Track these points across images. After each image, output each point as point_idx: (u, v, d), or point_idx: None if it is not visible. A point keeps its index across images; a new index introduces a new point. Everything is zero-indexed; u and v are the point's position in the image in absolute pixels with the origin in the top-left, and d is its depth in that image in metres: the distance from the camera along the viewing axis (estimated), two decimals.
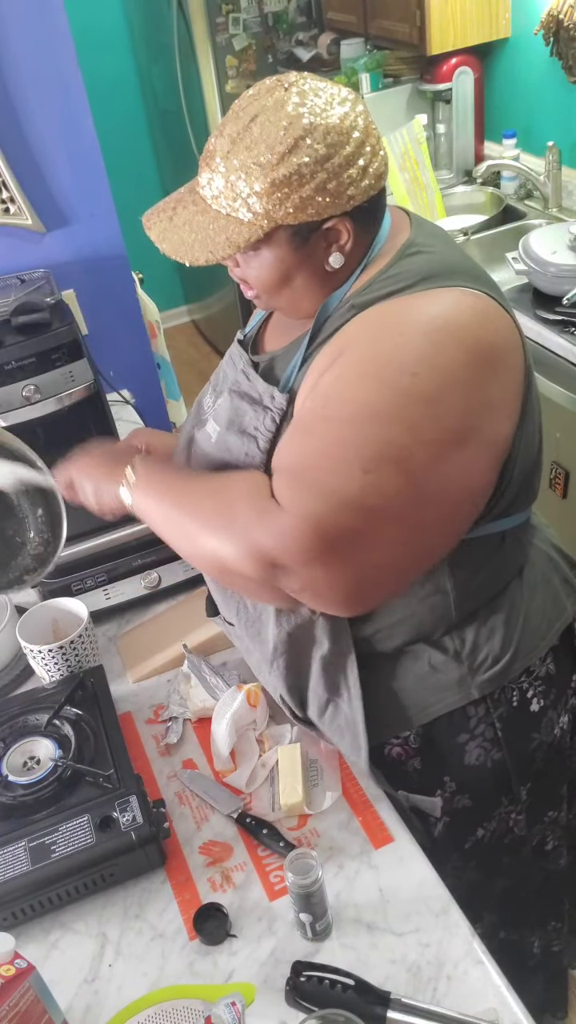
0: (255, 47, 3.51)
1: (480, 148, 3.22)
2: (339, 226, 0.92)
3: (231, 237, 0.90)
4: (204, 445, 1.10)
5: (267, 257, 0.94)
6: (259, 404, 1.02)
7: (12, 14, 1.78)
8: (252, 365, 1.08)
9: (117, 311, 2.22)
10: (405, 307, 0.91)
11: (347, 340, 0.93)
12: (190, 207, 0.94)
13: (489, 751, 1.15)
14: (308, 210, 0.89)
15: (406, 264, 0.95)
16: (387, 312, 0.92)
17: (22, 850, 1.08)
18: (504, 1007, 0.95)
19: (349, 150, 0.88)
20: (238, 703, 1.22)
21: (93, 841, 1.07)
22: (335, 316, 0.98)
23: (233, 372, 1.12)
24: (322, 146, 0.87)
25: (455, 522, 0.94)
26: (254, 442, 1.01)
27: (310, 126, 0.87)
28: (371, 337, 0.91)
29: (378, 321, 0.92)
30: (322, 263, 0.95)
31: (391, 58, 3.15)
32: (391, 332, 0.90)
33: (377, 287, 0.95)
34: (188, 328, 4.75)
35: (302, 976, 0.94)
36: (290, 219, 0.89)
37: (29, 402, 1.72)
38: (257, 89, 0.92)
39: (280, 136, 0.86)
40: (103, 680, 1.30)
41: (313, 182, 0.87)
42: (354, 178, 0.89)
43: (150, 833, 1.08)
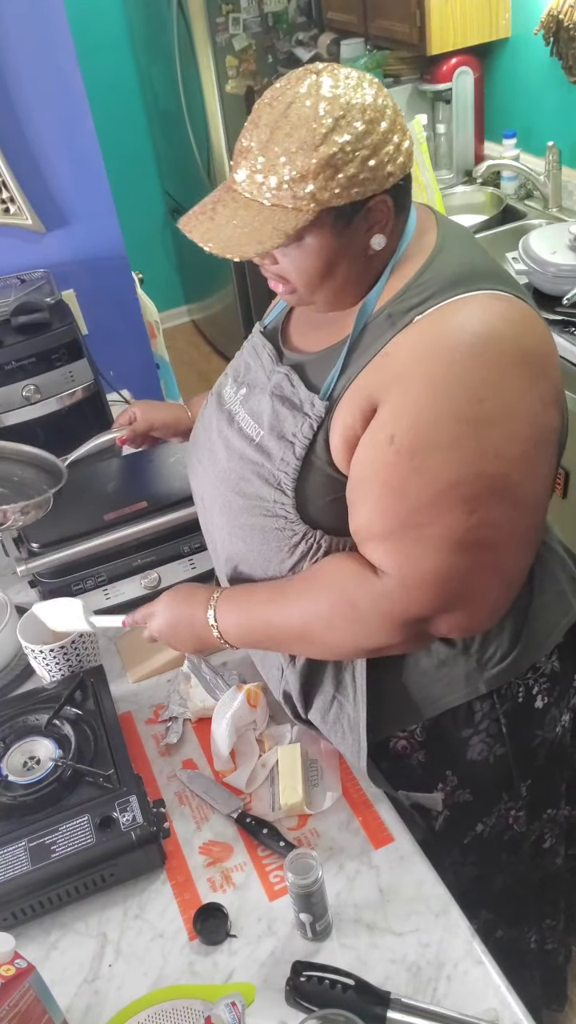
0: (255, 47, 3.51)
1: (480, 148, 3.22)
2: (381, 205, 0.92)
3: (278, 226, 0.90)
4: (240, 445, 1.09)
5: (311, 245, 0.93)
6: (299, 410, 1.03)
7: (12, 14, 1.78)
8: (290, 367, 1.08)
9: (117, 311, 2.23)
10: (446, 328, 0.91)
11: (396, 368, 0.93)
12: (230, 204, 0.93)
13: (492, 746, 1.15)
14: (353, 189, 0.89)
15: (436, 268, 0.96)
16: (431, 335, 0.92)
17: (22, 850, 1.08)
18: (504, 1007, 0.95)
19: (385, 126, 0.89)
20: (238, 703, 1.22)
21: (93, 841, 1.07)
22: (373, 325, 0.97)
23: (263, 370, 1.11)
24: (361, 123, 0.87)
25: (544, 514, 1.00)
26: (291, 448, 1.02)
27: (347, 104, 0.87)
28: (427, 371, 0.91)
29: (425, 347, 0.92)
30: (364, 248, 0.96)
31: (391, 58, 3.15)
32: (445, 361, 0.90)
33: (412, 294, 0.95)
34: (188, 328, 4.75)
35: (302, 976, 0.95)
36: (336, 200, 0.89)
37: (29, 402, 1.72)
38: (287, 79, 0.91)
39: (320, 117, 0.87)
40: (103, 680, 1.30)
41: (356, 160, 0.87)
42: (391, 155, 0.90)
43: (150, 833, 1.08)
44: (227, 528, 1.13)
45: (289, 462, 1.02)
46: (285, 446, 1.03)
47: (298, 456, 1.02)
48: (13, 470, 1.45)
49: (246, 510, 1.09)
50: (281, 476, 1.03)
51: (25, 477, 1.45)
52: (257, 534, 1.09)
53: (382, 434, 0.92)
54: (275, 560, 1.08)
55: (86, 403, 1.80)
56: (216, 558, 1.22)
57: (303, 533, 1.04)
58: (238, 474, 1.09)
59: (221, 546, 1.17)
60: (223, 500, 1.13)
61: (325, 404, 1.00)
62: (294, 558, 1.06)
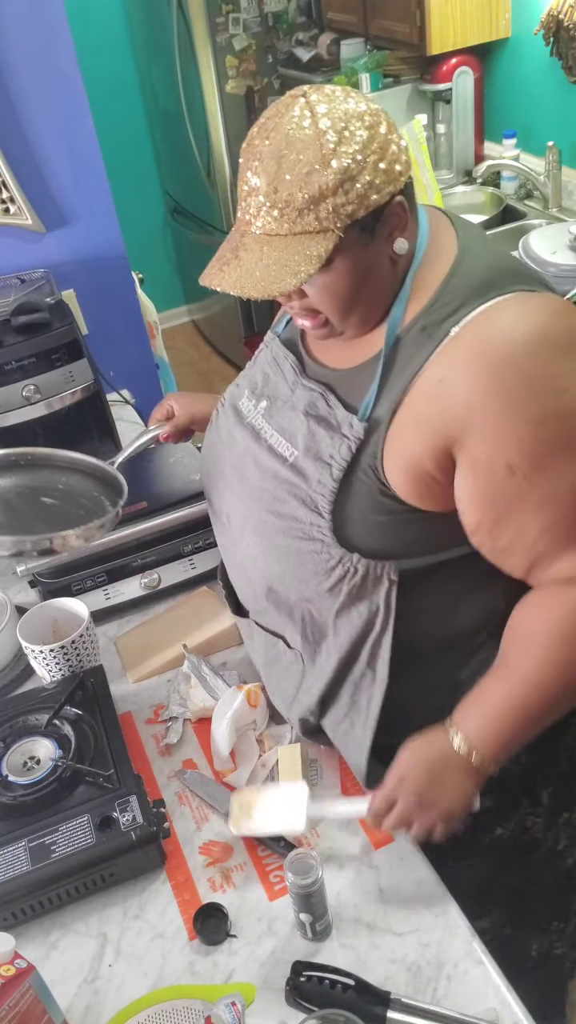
0: (255, 47, 3.50)
1: (480, 148, 3.22)
2: (398, 208, 0.91)
3: (309, 252, 0.88)
4: (273, 465, 1.06)
5: (339, 267, 0.91)
6: (337, 431, 1.00)
7: (12, 14, 1.78)
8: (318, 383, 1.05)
9: (117, 311, 2.23)
10: (496, 340, 0.90)
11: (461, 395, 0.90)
12: (252, 247, 0.91)
13: (517, 755, 1.12)
14: (371, 196, 0.88)
15: (464, 273, 0.94)
16: (484, 354, 0.90)
17: (22, 850, 1.08)
18: (504, 1007, 0.95)
19: (384, 128, 0.89)
20: (238, 703, 1.22)
21: (93, 841, 1.07)
22: (407, 340, 0.95)
23: (286, 383, 1.08)
24: (363, 129, 0.87)
25: None
26: (328, 470, 1.00)
27: (346, 114, 0.87)
28: (499, 390, 0.89)
29: (484, 367, 0.89)
30: (388, 256, 0.94)
31: (391, 58, 3.15)
32: (511, 373, 0.88)
33: (443, 303, 0.93)
34: (188, 328, 4.75)
35: (302, 976, 0.95)
36: (359, 211, 0.87)
37: (29, 402, 1.72)
38: (275, 109, 0.90)
39: (324, 133, 0.86)
40: (103, 680, 1.29)
41: (369, 166, 0.87)
42: (396, 154, 0.89)
43: (150, 833, 1.08)
44: (260, 548, 1.10)
45: (326, 484, 1.00)
46: (322, 467, 1.00)
47: (335, 478, 0.99)
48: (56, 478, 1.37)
49: (281, 531, 1.06)
50: (318, 498, 1.01)
51: (72, 483, 1.35)
52: (293, 556, 1.06)
53: (495, 469, 0.91)
54: (312, 582, 1.05)
55: (86, 403, 1.79)
56: (245, 578, 1.18)
57: (339, 557, 1.01)
58: (272, 494, 1.06)
59: (253, 566, 1.13)
60: (256, 520, 1.09)
61: (364, 426, 0.97)
62: (330, 581, 1.03)
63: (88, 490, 1.32)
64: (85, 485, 1.33)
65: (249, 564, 1.14)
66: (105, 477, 1.31)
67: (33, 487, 1.32)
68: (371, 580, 1.02)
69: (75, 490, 1.33)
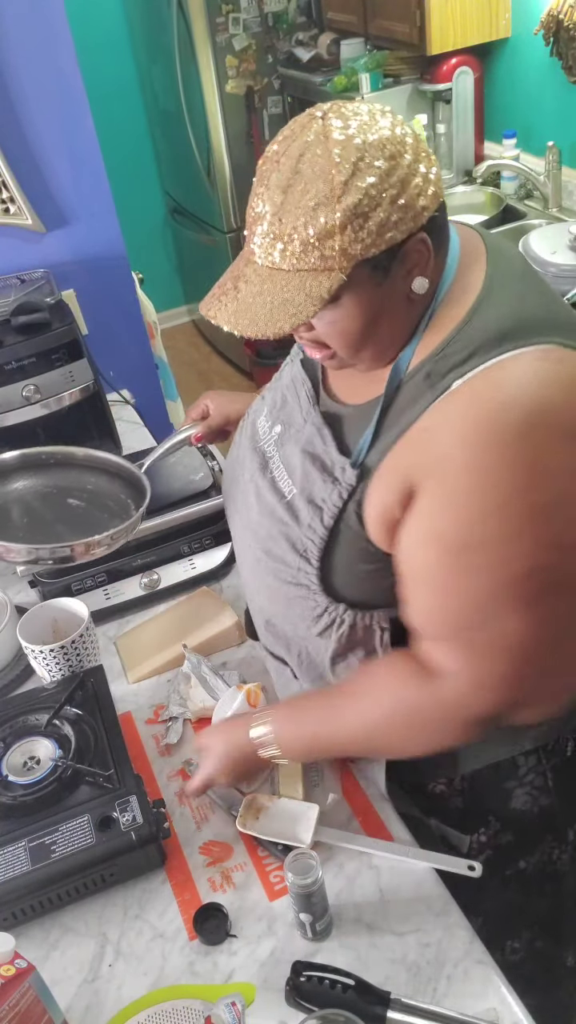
0: (255, 47, 3.51)
1: (480, 148, 3.22)
2: (419, 245, 0.83)
3: (311, 292, 0.80)
4: (272, 501, 1.03)
5: (348, 305, 0.84)
6: (329, 475, 0.95)
7: (12, 14, 1.78)
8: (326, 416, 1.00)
9: (117, 311, 2.23)
10: (492, 403, 0.81)
11: (437, 449, 0.84)
12: (252, 279, 0.84)
13: (537, 798, 1.11)
14: (386, 235, 0.79)
15: (481, 318, 0.85)
16: (474, 413, 0.82)
17: (22, 850, 1.07)
18: (504, 1007, 0.95)
19: (409, 158, 0.80)
20: (238, 703, 1.22)
21: (93, 841, 1.07)
22: (409, 385, 0.88)
23: (300, 412, 1.03)
24: (382, 160, 0.78)
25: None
26: (319, 515, 0.96)
27: (364, 144, 0.78)
28: (470, 458, 0.81)
29: (469, 428, 0.82)
30: (405, 295, 0.86)
31: (391, 58, 3.15)
32: (490, 446, 0.80)
33: (453, 350, 0.85)
34: (188, 328, 4.75)
35: (302, 976, 0.94)
36: (370, 250, 0.79)
37: (29, 402, 1.72)
38: (290, 129, 0.83)
39: (336, 164, 0.78)
40: (103, 680, 1.29)
41: (384, 202, 0.78)
42: (421, 187, 0.80)
43: (150, 833, 1.08)
44: (255, 584, 1.09)
45: (316, 529, 0.96)
46: (314, 511, 0.96)
47: (326, 525, 0.95)
48: (86, 478, 1.34)
49: (271, 572, 1.04)
50: (308, 543, 0.97)
51: (100, 484, 1.33)
52: (282, 598, 1.04)
53: (428, 529, 0.85)
54: (302, 626, 1.04)
55: (86, 403, 1.79)
56: (250, 603, 1.18)
57: (325, 606, 0.99)
58: (267, 531, 1.03)
59: (253, 597, 1.13)
60: (252, 556, 1.07)
61: (356, 473, 0.92)
62: (319, 627, 1.01)
63: (115, 492, 1.31)
64: (113, 487, 1.32)
65: (250, 594, 1.14)
66: (131, 479, 1.29)
67: (61, 487, 1.32)
68: (361, 629, 1.00)
69: (102, 491, 1.32)
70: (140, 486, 1.27)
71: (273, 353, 4.03)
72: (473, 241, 0.93)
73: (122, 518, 1.21)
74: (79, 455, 1.34)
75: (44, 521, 1.27)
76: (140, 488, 1.26)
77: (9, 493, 1.30)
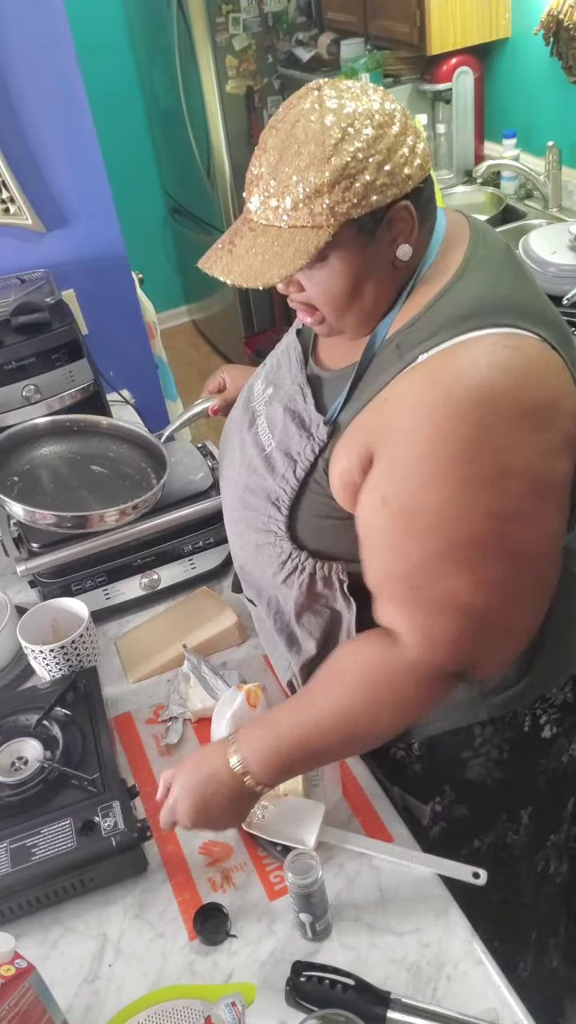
0: (255, 47, 3.51)
1: (480, 148, 3.22)
2: (403, 212, 0.88)
3: (300, 247, 0.86)
4: (252, 453, 1.08)
5: (335, 265, 0.90)
6: (305, 430, 1.01)
7: (12, 15, 1.78)
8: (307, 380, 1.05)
9: (117, 311, 2.23)
10: (444, 379, 0.87)
11: (392, 419, 0.90)
12: (247, 235, 0.90)
13: (492, 770, 1.14)
14: (371, 197, 0.85)
15: (453, 296, 0.91)
16: (428, 386, 0.88)
17: (3, 851, 1.07)
18: (504, 1007, 0.95)
19: (396, 129, 0.86)
20: (238, 703, 1.22)
21: (74, 845, 1.07)
22: (382, 355, 0.94)
23: (289, 374, 1.09)
24: (370, 128, 0.84)
25: (556, 559, 0.95)
26: (293, 467, 1.01)
27: (354, 112, 0.85)
28: (417, 428, 0.87)
29: (420, 400, 0.88)
30: (390, 261, 0.92)
31: (391, 58, 3.15)
32: (435, 419, 0.86)
33: (423, 324, 0.91)
34: (188, 328, 4.75)
35: (302, 976, 0.94)
36: (356, 210, 0.85)
37: (29, 402, 1.72)
38: (289, 101, 0.89)
39: (327, 129, 0.84)
40: (96, 682, 1.29)
41: (371, 166, 0.84)
42: (407, 157, 0.86)
43: (131, 840, 1.07)
44: (233, 533, 1.14)
45: (288, 480, 1.02)
46: (288, 463, 1.02)
47: (298, 477, 1.01)
48: (110, 446, 1.38)
49: (245, 520, 1.08)
50: (280, 492, 1.02)
51: (123, 453, 1.37)
52: (252, 545, 1.08)
53: (377, 494, 0.91)
54: (268, 572, 1.07)
55: (86, 403, 1.79)
56: (232, 552, 1.22)
57: (289, 552, 1.04)
58: (245, 483, 1.08)
59: (232, 545, 1.17)
60: (231, 504, 1.12)
61: (328, 430, 0.98)
62: (283, 573, 1.06)
63: (136, 460, 1.36)
64: (134, 455, 1.37)
65: (231, 544, 1.19)
66: (151, 449, 1.33)
67: (85, 454, 1.37)
68: (320, 579, 1.04)
69: (124, 459, 1.37)
70: (159, 456, 1.31)
71: None
72: (459, 225, 0.98)
73: (143, 487, 1.24)
74: (103, 424, 1.40)
75: (69, 486, 1.32)
76: (159, 458, 1.31)
77: (38, 457, 1.37)
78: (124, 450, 1.39)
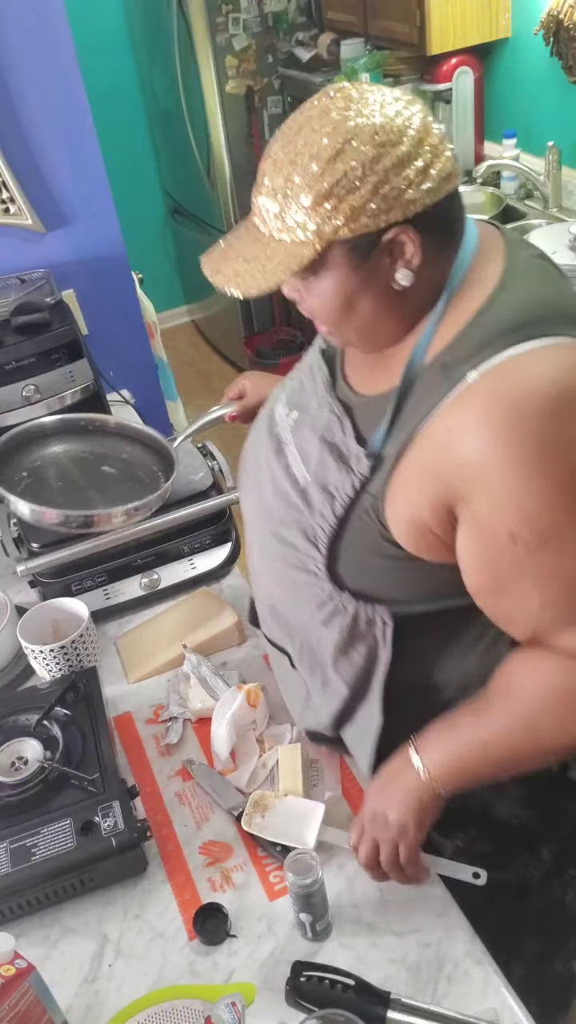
0: (255, 47, 3.51)
1: (480, 148, 3.22)
2: (401, 236, 0.83)
3: (284, 261, 0.84)
4: (285, 485, 1.03)
5: (327, 281, 0.87)
6: (344, 463, 0.95)
7: (12, 15, 1.78)
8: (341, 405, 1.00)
9: (117, 311, 2.23)
10: (512, 396, 0.81)
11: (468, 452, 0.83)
12: (243, 237, 0.89)
13: (517, 812, 1.11)
14: (361, 219, 0.81)
15: (497, 310, 0.86)
16: (497, 409, 0.81)
17: (3, 851, 1.07)
18: (504, 1007, 0.95)
19: (403, 149, 0.80)
20: (238, 703, 1.22)
21: (74, 845, 1.07)
22: (425, 378, 0.88)
23: (315, 398, 1.03)
24: (370, 147, 0.80)
25: None
26: (331, 503, 0.96)
27: (355, 127, 0.80)
28: (507, 453, 0.81)
29: (496, 425, 0.81)
30: (388, 283, 0.87)
31: (391, 58, 3.15)
32: (522, 438, 0.80)
33: (467, 340, 0.85)
34: (188, 328, 4.75)
35: (302, 976, 0.95)
36: (343, 232, 0.81)
37: (29, 402, 1.72)
38: (304, 104, 0.86)
39: (323, 143, 0.80)
40: (96, 682, 1.29)
41: (363, 188, 0.80)
42: (412, 180, 0.81)
43: (131, 840, 1.07)
44: (264, 567, 1.09)
45: (327, 517, 0.96)
46: (326, 499, 0.96)
47: (337, 514, 0.95)
48: (122, 447, 1.35)
49: (280, 556, 1.04)
50: (318, 530, 0.97)
51: (134, 455, 1.36)
52: (289, 583, 1.04)
53: (498, 533, 0.84)
54: (305, 613, 1.03)
55: (86, 403, 1.80)
56: (256, 589, 1.17)
57: (329, 592, 0.99)
58: (279, 516, 1.03)
59: (260, 582, 1.12)
60: (262, 538, 1.07)
61: (370, 464, 0.92)
62: (323, 615, 1.01)
63: (148, 463, 1.34)
64: (146, 458, 1.35)
65: (257, 579, 1.13)
66: (162, 452, 1.31)
67: (97, 454, 1.35)
68: (363, 621, 1.00)
69: (136, 462, 1.36)
70: (169, 460, 1.28)
71: (273, 353, 4.03)
72: (492, 236, 0.93)
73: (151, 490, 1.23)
74: (111, 424, 1.38)
75: (77, 486, 1.30)
76: (169, 461, 1.28)
77: (47, 456, 1.35)
78: (138, 452, 1.37)
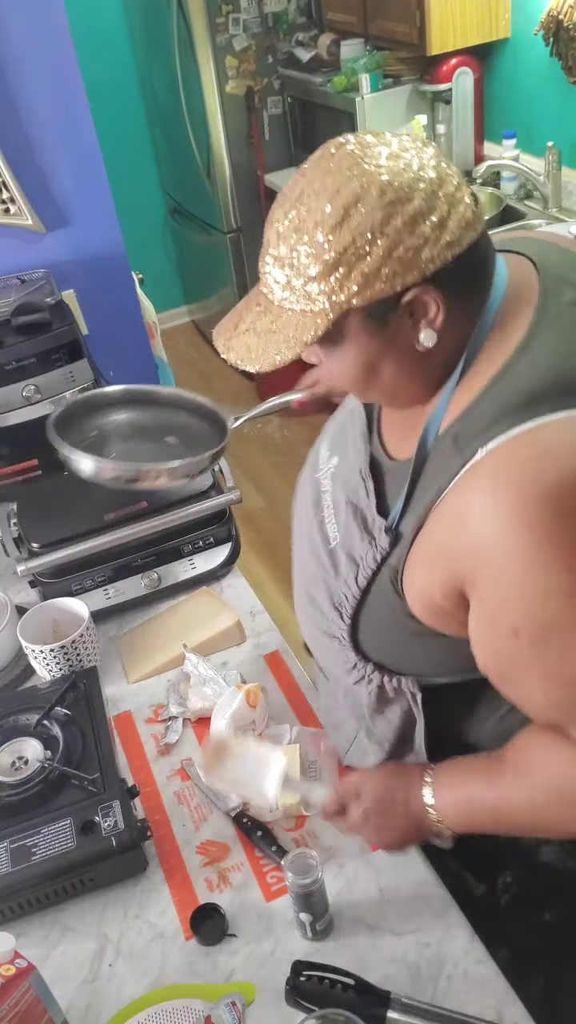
0: (255, 47, 3.51)
1: (480, 148, 3.22)
2: (423, 297, 0.77)
3: (296, 334, 0.79)
4: (319, 543, 0.99)
5: (346, 350, 0.82)
6: (367, 533, 0.91)
7: (12, 14, 1.78)
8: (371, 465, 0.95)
9: (117, 311, 2.23)
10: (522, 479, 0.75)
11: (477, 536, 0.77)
12: (254, 309, 0.83)
13: (564, 860, 1.08)
14: (376, 285, 0.75)
15: (514, 376, 0.79)
16: (499, 494, 0.76)
17: (4, 851, 1.07)
18: (504, 1007, 0.95)
19: (415, 205, 0.75)
20: (237, 703, 1.22)
21: (74, 845, 1.07)
22: (439, 449, 0.83)
23: (352, 447, 0.99)
24: (378, 209, 0.74)
25: None
26: (355, 572, 0.92)
27: (361, 189, 0.75)
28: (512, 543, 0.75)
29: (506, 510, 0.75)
30: (411, 345, 0.81)
31: (391, 58, 3.15)
32: (528, 528, 0.74)
33: (482, 410, 0.79)
34: (188, 328, 4.75)
35: (302, 976, 0.94)
36: (357, 299, 0.76)
37: (29, 402, 1.72)
38: (310, 159, 0.80)
39: (327, 210, 0.75)
40: (96, 682, 1.29)
41: (374, 253, 0.74)
42: (428, 236, 0.75)
43: (131, 840, 1.07)
44: (303, 619, 1.07)
45: (351, 586, 0.92)
46: (351, 567, 0.92)
47: (360, 585, 0.92)
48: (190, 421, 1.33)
49: (311, 618, 1.02)
50: (343, 598, 0.94)
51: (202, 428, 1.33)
52: (321, 644, 1.03)
53: (501, 624, 0.80)
54: (338, 672, 1.01)
55: None
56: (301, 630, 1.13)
57: (355, 662, 0.97)
58: (312, 575, 1.01)
59: (303, 627, 1.10)
60: (298, 592, 1.06)
61: (389, 539, 0.88)
62: (351, 679, 0.99)
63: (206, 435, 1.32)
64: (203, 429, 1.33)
65: (300, 623, 1.11)
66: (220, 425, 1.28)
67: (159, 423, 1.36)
68: (390, 690, 0.97)
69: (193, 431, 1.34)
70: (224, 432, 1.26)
71: None
72: (527, 278, 0.85)
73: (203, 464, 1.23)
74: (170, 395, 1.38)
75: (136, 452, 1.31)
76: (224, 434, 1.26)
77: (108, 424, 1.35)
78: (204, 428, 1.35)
